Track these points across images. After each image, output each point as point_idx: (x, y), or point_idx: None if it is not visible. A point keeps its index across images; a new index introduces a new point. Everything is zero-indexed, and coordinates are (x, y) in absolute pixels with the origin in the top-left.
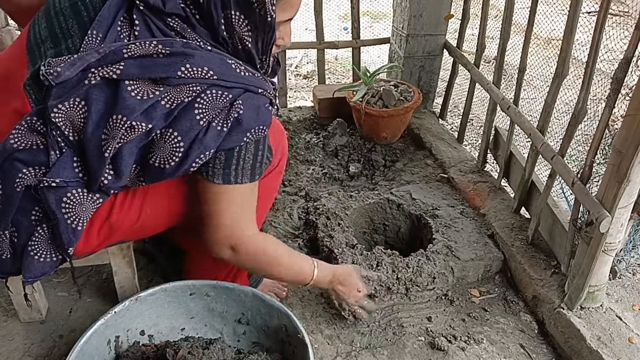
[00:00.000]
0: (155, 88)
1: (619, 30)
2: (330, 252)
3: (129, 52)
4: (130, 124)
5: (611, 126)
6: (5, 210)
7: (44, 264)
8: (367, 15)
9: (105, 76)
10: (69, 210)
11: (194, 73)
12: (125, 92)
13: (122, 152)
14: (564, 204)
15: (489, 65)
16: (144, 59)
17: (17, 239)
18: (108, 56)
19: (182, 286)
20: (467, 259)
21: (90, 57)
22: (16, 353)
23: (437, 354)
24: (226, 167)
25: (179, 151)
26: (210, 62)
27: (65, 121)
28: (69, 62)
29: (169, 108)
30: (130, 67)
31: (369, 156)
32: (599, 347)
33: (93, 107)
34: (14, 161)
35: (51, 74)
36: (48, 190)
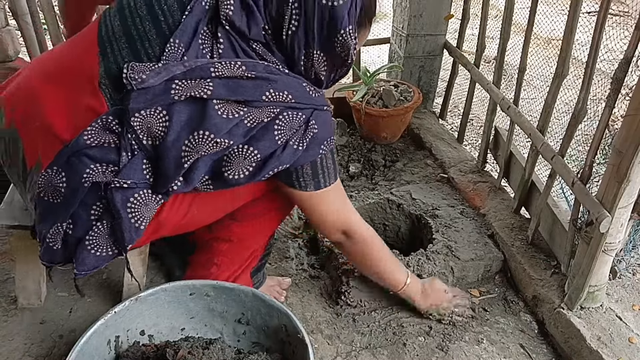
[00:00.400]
0: (239, 108)
1: (619, 30)
2: (331, 252)
3: (216, 71)
4: (216, 141)
5: (611, 126)
6: (68, 202)
7: (99, 258)
8: None
9: (195, 95)
10: (134, 210)
11: (276, 97)
12: (213, 111)
13: (198, 164)
14: (564, 204)
15: (489, 65)
16: (231, 80)
17: (71, 232)
18: (195, 71)
19: (182, 286)
20: (467, 259)
21: (176, 68)
22: (16, 353)
23: (437, 353)
24: (315, 177)
25: (255, 165)
26: (290, 86)
27: (143, 127)
28: (155, 71)
29: (250, 127)
30: (220, 88)
31: (369, 156)
32: (599, 347)
33: (175, 118)
34: (83, 156)
35: (135, 80)
36: (116, 190)
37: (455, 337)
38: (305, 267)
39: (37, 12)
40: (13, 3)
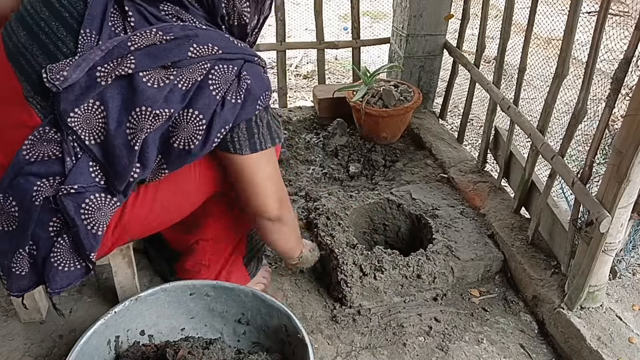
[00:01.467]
0: (168, 73)
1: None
2: (331, 251)
3: (133, 44)
4: (155, 113)
5: (611, 126)
6: (24, 226)
7: (69, 273)
8: (367, 15)
9: (121, 73)
10: (89, 216)
11: (202, 51)
12: (142, 84)
13: (148, 142)
14: (564, 204)
15: (489, 65)
16: (151, 48)
17: (36, 252)
18: (113, 51)
19: (182, 286)
20: (467, 259)
21: (94, 55)
22: (16, 353)
23: (437, 353)
24: (250, 137)
25: (201, 128)
26: (213, 38)
27: (82, 125)
28: (74, 65)
29: (185, 89)
30: (142, 59)
31: (369, 156)
32: (599, 347)
33: (110, 105)
34: (27, 175)
35: (57, 79)
36: (66, 197)
37: (455, 337)
38: (305, 267)
39: None
40: None
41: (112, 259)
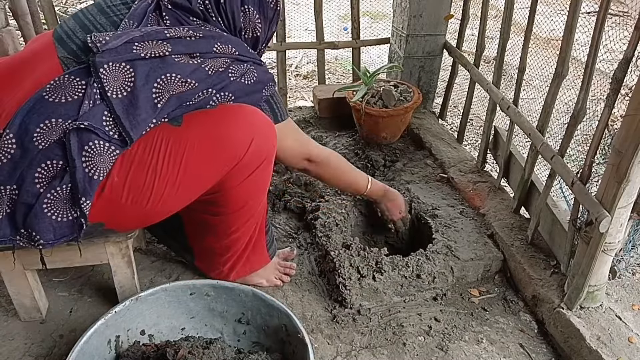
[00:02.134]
0: (194, 59)
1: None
2: (327, 253)
3: (169, 33)
4: (184, 80)
5: (611, 126)
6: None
7: (62, 224)
8: (367, 15)
9: (156, 55)
10: (89, 158)
11: (224, 49)
12: (173, 61)
13: (171, 101)
14: (564, 204)
15: (488, 65)
16: (183, 40)
17: (16, 197)
18: (151, 34)
19: (182, 286)
20: (467, 259)
21: (134, 33)
22: (16, 353)
23: (437, 353)
24: (272, 111)
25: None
26: (232, 42)
27: (109, 78)
28: (115, 35)
29: (210, 73)
30: (177, 45)
31: (369, 156)
32: (599, 346)
33: (139, 70)
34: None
35: (99, 42)
36: (74, 134)
37: (455, 336)
38: (305, 267)
39: (37, 12)
40: (13, 3)
41: (111, 259)
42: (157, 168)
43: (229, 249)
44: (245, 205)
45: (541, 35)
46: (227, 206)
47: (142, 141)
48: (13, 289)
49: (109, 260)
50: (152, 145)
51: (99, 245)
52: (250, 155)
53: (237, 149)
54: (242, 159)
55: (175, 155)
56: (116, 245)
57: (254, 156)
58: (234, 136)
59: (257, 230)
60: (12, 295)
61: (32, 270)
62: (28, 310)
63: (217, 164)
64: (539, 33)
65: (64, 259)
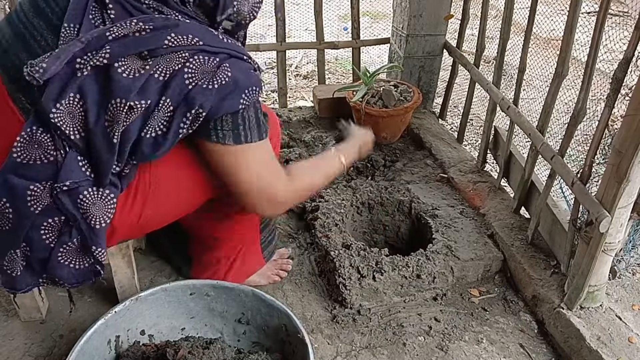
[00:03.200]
0: (144, 64)
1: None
2: (327, 253)
3: (111, 34)
4: (129, 105)
5: (611, 126)
6: (17, 228)
7: (80, 271)
8: (367, 15)
9: (96, 64)
10: (85, 210)
11: (180, 41)
12: (117, 75)
13: (128, 135)
14: (564, 204)
15: (488, 65)
16: (128, 38)
17: (30, 254)
18: (91, 43)
19: (182, 286)
20: (467, 259)
21: (74, 47)
22: (16, 353)
23: (437, 353)
24: (234, 129)
25: (167, 114)
26: (194, 30)
27: (66, 119)
28: (53, 57)
29: (163, 80)
30: (116, 48)
31: (369, 156)
32: (599, 346)
33: (89, 98)
34: (20, 178)
35: (37, 72)
36: (62, 194)
37: (455, 337)
38: (305, 267)
39: None
40: (13, 3)
41: (111, 258)
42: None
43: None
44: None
45: (541, 35)
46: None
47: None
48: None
49: (109, 260)
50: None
51: None
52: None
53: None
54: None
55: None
56: (116, 245)
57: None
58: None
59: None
60: (12, 297)
61: None
62: (28, 310)
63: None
64: (539, 33)
65: None
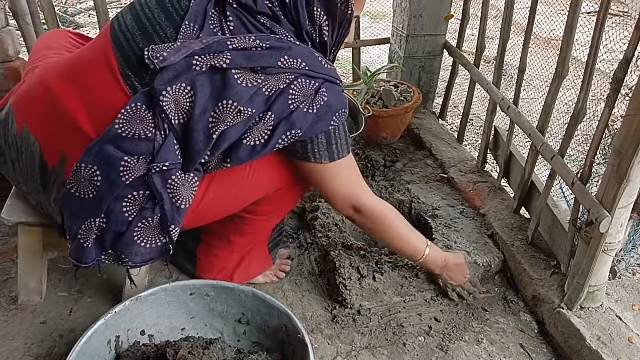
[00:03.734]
0: (256, 77)
1: (619, 30)
2: (327, 253)
3: (232, 44)
4: (239, 109)
5: (611, 126)
6: (102, 198)
7: (150, 249)
8: (367, 15)
9: (215, 65)
10: (173, 190)
11: (290, 63)
12: (233, 80)
13: (226, 135)
14: (564, 204)
15: (488, 65)
16: (246, 51)
17: (105, 225)
18: (212, 46)
19: (182, 286)
20: (467, 259)
21: (195, 45)
22: (16, 353)
23: (437, 353)
24: (329, 148)
25: (268, 128)
26: (303, 54)
27: (171, 105)
28: (174, 48)
29: (268, 95)
30: (237, 57)
31: (369, 156)
32: (599, 346)
33: (200, 92)
34: (116, 148)
35: (157, 58)
36: (156, 174)
37: (455, 337)
38: (305, 267)
39: (37, 12)
40: (13, 3)
41: None
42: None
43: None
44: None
45: (541, 35)
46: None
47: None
48: (25, 269)
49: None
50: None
51: None
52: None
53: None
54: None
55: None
56: None
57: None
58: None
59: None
60: (20, 275)
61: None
62: (29, 292)
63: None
64: (539, 33)
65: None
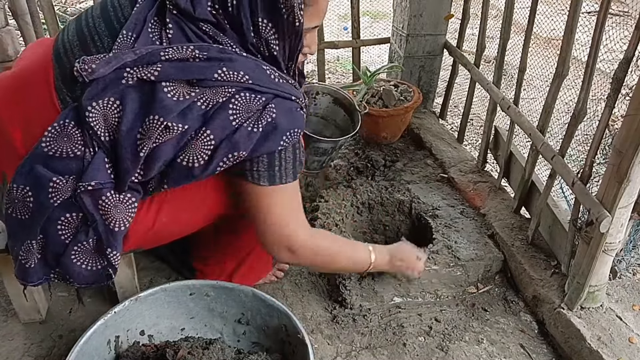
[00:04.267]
0: (190, 90)
1: (619, 30)
2: None
3: (166, 55)
4: (166, 125)
5: (611, 126)
6: (35, 219)
7: (92, 272)
8: (367, 15)
9: (143, 77)
10: (106, 211)
11: (230, 76)
12: (162, 94)
13: (157, 153)
14: (564, 204)
15: (489, 65)
16: (181, 62)
17: (46, 247)
18: (145, 57)
19: (182, 286)
20: (467, 259)
21: (127, 56)
22: (16, 353)
23: (437, 353)
24: (270, 169)
25: (208, 149)
26: (246, 66)
27: (99, 120)
28: (104, 60)
29: (205, 109)
30: (167, 69)
31: (369, 156)
32: (599, 347)
33: (128, 106)
34: (44, 168)
35: (85, 70)
36: (84, 194)
37: (455, 337)
38: (305, 267)
39: (37, 12)
40: (13, 3)
41: None
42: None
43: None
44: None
45: (541, 35)
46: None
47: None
48: (13, 291)
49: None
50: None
51: None
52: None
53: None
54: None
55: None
56: None
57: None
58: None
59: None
60: (11, 297)
61: None
62: (28, 311)
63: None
64: (539, 33)
65: None
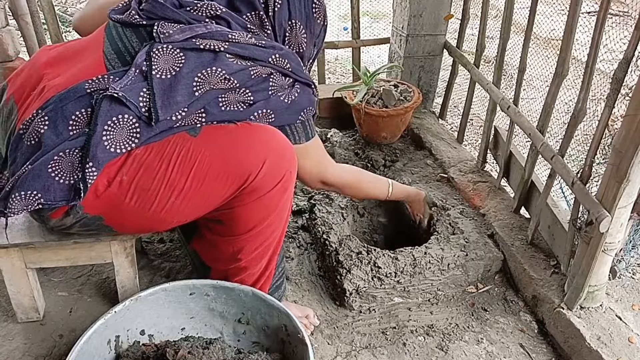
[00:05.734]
0: (246, 62)
1: (619, 30)
2: (327, 253)
3: (232, 38)
4: (226, 77)
5: (611, 126)
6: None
7: (63, 186)
8: (367, 15)
9: (212, 48)
10: (111, 129)
11: (279, 62)
12: (224, 57)
13: (207, 95)
14: (564, 204)
15: (489, 65)
16: (243, 45)
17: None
18: (214, 33)
19: (182, 286)
20: (467, 259)
21: (199, 29)
22: (16, 353)
23: (437, 353)
24: (304, 131)
25: (247, 102)
26: (291, 58)
27: (159, 59)
28: (180, 29)
29: (252, 77)
30: (233, 46)
31: (369, 156)
32: (599, 346)
33: (191, 59)
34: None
35: (163, 34)
36: (106, 100)
37: (455, 337)
38: (305, 267)
39: (37, 12)
40: (13, 3)
41: (115, 257)
42: (165, 174)
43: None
44: (253, 229)
45: (541, 35)
46: (233, 227)
47: (155, 146)
48: (13, 288)
49: (113, 258)
50: (164, 151)
51: (104, 244)
52: (262, 177)
53: (248, 170)
54: (252, 181)
55: (184, 164)
56: (121, 243)
57: (266, 178)
58: (245, 157)
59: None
60: (11, 294)
61: (32, 269)
62: (26, 310)
63: (225, 182)
64: (539, 33)
65: (68, 257)
